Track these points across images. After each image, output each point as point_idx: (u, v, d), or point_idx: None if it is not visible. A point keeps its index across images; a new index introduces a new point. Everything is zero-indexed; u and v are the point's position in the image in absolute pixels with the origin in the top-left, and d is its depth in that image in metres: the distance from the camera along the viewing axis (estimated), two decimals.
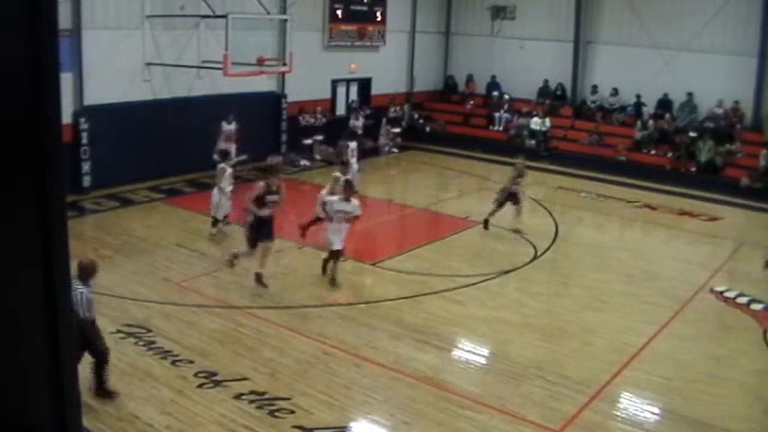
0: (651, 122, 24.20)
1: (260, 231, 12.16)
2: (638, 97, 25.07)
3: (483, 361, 10.52)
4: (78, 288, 8.01)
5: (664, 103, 24.81)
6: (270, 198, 12.17)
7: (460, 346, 10.86)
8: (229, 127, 18.88)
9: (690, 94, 24.29)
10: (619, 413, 9.03)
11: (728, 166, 22.37)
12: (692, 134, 23.29)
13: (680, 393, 9.54)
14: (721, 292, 13.45)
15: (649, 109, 24.97)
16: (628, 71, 25.15)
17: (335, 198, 12.83)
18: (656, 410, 9.21)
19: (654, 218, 18.80)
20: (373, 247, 15.64)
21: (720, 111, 23.81)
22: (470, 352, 10.67)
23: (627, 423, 8.77)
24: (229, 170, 15.30)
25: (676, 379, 9.93)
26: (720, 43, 23.66)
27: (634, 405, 9.26)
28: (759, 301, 13.06)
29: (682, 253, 16.47)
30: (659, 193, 20.89)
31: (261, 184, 12.33)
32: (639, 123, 24.28)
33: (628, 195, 20.75)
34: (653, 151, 23.68)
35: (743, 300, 13.16)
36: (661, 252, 16.25)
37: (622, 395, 9.44)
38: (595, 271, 14.43)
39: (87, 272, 8.27)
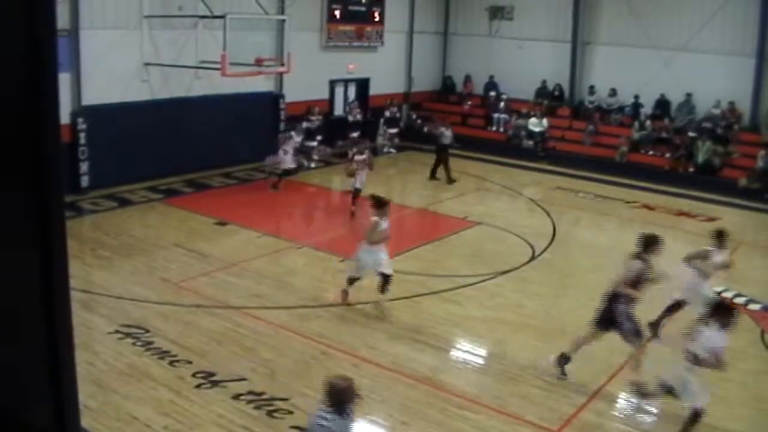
0: (649, 123, 24.22)
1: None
2: (636, 97, 25.11)
3: (481, 361, 10.53)
4: None
5: (662, 104, 24.84)
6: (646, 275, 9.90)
7: (458, 346, 10.86)
8: (297, 139, 19.18)
9: (688, 95, 24.32)
10: (617, 414, 9.05)
11: (726, 167, 22.39)
12: (691, 134, 23.32)
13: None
14: (719, 293, 13.46)
15: (646, 109, 24.99)
16: (626, 72, 25.20)
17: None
18: (654, 411, 9.22)
19: (652, 219, 18.79)
20: None
21: (718, 111, 23.84)
22: (468, 352, 10.68)
23: (624, 423, 8.80)
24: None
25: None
26: (718, 44, 23.69)
27: (632, 405, 9.27)
28: (757, 302, 13.11)
29: (680, 254, 16.43)
30: (657, 194, 20.92)
31: (637, 263, 9.79)
32: (637, 124, 24.31)
33: (627, 195, 20.78)
34: (651, 152, 23.70)
35: (741, 300, 13.21)
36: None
37: (620, 396, 9.45)
38: (594, 272, 14.39)
39: None
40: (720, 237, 11.50)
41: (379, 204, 11.45)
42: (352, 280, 11.75)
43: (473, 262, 14.11)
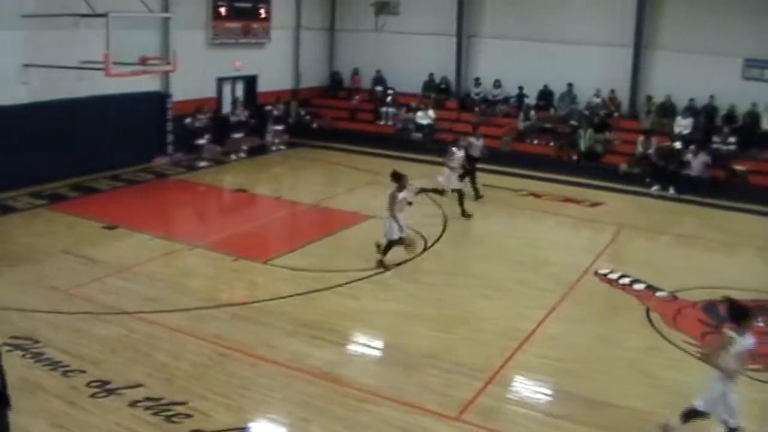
0: (533, 113, 24.87)
1: None
2: (521, 88, 25.77)
3: (379, 353, 10.66)
4: None
5: (546, 95, 25.57)
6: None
7: (355, 340, 10.95)
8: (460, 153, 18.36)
9: (570, 85, 25.10)
10: (513, 396, 9.32)
11: (608, 153, 23.21)
12: (573, 123, 24.07)
13: (571, 373, 9.92)
14: (605, 274, 14.01)
15: (531, 100, 25.67)
16: (510, 64, 25.86)
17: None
18: (549, 391, 9.55)
19: (539, 206, 19.36)
20: (265, 245, 15.58)
21: (598, 100, 24.71)
22: (366, 345, 10.79)
23: (521, 405, 9.06)
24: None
25: (566, 360, 10.32)
26: (597, 35, 24.53)
27: (527, 387, 9.56)
28: (641, 282, 13.67)
29: (567, 239, 17.06)
30: (544, 182, 21.51)
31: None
32: (522, 114, 24.93)
33: (514, 184, 21.31)
34: (536, 141, 24.34)
35: (626, 281, 13.76)
36: (547, 238, 16.75)
37: (515, 379, 9.74)
38: (485, 260, 14.79)
39: None
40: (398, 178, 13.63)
41: (398, 178, 13.67)
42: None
43: (367, 256, 14.21)
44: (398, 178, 13.69)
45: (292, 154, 24.79)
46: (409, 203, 13.35)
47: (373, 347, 10.78)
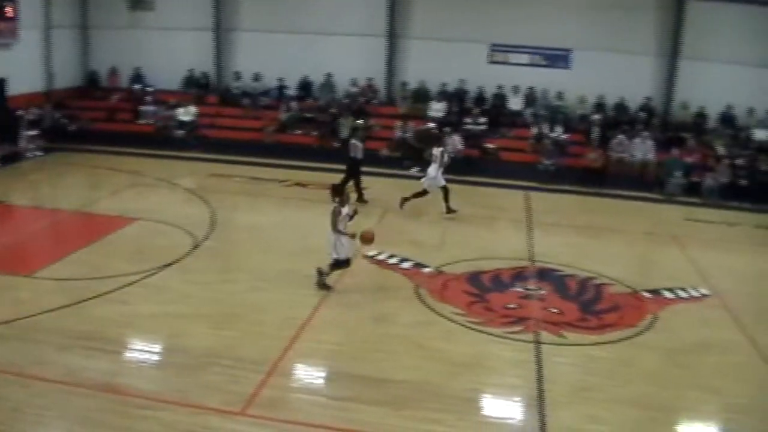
0: (294, 104, 25.14)
1: None
2: (281, 80, 25.94)
3: (158, 357, 10.43)
4: None
5: (305, 85, 25.94)
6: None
7: (132, 346, 10.64)
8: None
9: (328, 75, 25.62)
10: (296, 384, 9.48)
11: (368, 139, 23.88)
12: (333, 112, 24.58)
13: (350, 355, 10.24)
14: (373, 256, 14.49)
15: (291, 91, 25.93)
16: (270, 56, 26.01)
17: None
18: (330, 375, 9.80)
19: (306, 195, 19.64)
20: (27, 258, 14.66)
21: (356, 89, 25.41)
22: (143, 351, 10.51)
23: (305, 392, 9.24)
24: None
25: (344, 343, 10.63)
26: (353, 25, 25.28)
27: (309, 374, 9.76)
28: (408, 260, 14.29)
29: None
30: (309, 171, 21.81)
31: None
32: (284, 106, 25.13)
33: (280, 175, 21.47)
34: (299, 131, 24.62)
35: (394, 261, 14.32)
36: (316, 226, 16.88)
37: (296, 367, 9.89)
38: (258, 253, 14.83)
39: None
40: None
41: (339, 192, 12.89)
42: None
43: (136, 259, 13.80)
44: (339, 192, 12.95)
45: (50, 159, 23.45)
46: (351, 217, 12.64)
47: (151, 352, 10.53)
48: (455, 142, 22.46)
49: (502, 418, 9.09)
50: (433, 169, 18.09)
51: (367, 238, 12.73)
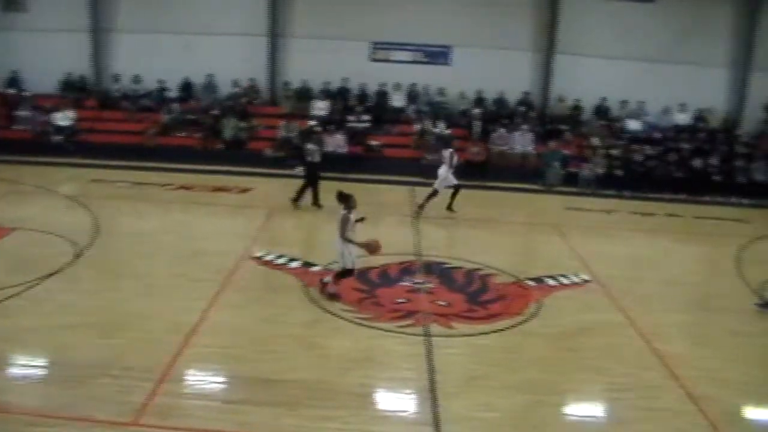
0: (176, 106, 24.74)
1: None
2: (161, 82, 25.49)
3: (43, 372, 10.09)
4: None
5: (187, 86, 25.55)
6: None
7: (15, 362, 10.25)
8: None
9: (210, 76, 25.31)
10: (188, 391, 9.33)
11: (252, 140, 23.78)
12: (215, 113, 24.32)
13: (241, 358, 10.16)
14: (261, 257, 14.46)
15: (173, 93, 25.50)
16: (149, 58, 25.48)
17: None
18: (222, 379, 9.69)
19: (191, 198, 19.40)
20: None
21: (238, 89, 25.20)
22: (28, 366, 10.14)
23: (197, 398, 9.11)
24: None
25: (235, 345, 10.53)
26: (234, 25, 25.09)
27: (201, 379, 9.64)
28: (296, 260, 14.31)
29: (221, 227, 17.31)
30: (193, 173, 21.55)
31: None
32: (165, 108, 24.69)
33: (163, 179, 21.11)
34: (183, 134, 24.25)
35: (282, 261, 14.32)
36: (202, 229, 16.88)
37: (188, 372, 9.74)
38: (143, 258, 14.54)
39: None
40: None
41: (345, 198, 12.34)
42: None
43: (15, 271, 13.29)
44: (346, 198, 12.42)
45: None
46: (358, 221, 12.43)
47: (36, 366, 10.17)
48: (337, 141, 22.59)
49: (395, 411, 9.23)
50: (443, 170, 18.50)
51: (375, 248, 12.61)
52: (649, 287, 14.52)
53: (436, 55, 25.70)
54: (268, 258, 14.43)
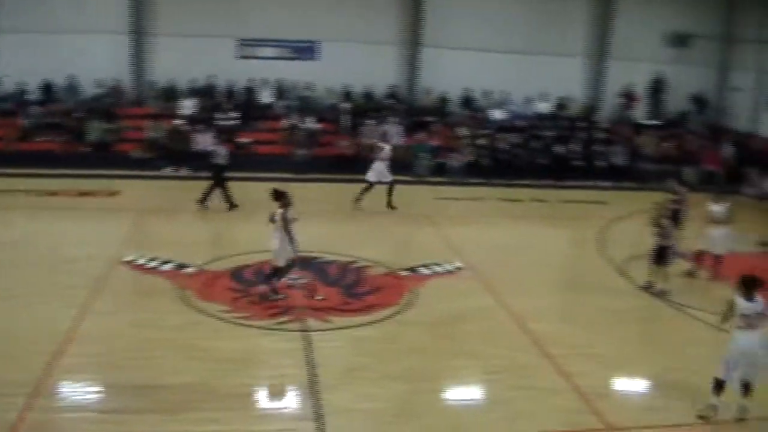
0: (36, 109, 23.79)
1: None
2: (20, 84, 24.37)
3: None
4: None
5: (47, 89, 24.60)
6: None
7: None
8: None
9: (72, 77, 24.43)
10: (64, 403, 9.09)
11: (118, 142, 23.17)
12: (78, 115, 23.55)
13: (118, 365, 9.98)
14: (132, 261, 14.17)
15: (33, 96, 24.46)
16: (6, 59, 24.22)
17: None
18: (100, 388, 9.45)
19: (57, 204, 18.75)
20: None
21: (102, 90, 24.48)
22: None
23: (74, 410, 8.87)
24: None
25: (109, 353, 10.31)
26: (96, 23, 24.24)
27: (77, 390, 9.39)
28: (169, 262, 14.10)
29: (90, 233, 16.79)
30: (57, 179, 20.75)
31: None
32: (25, 111, 23.67)
33: (27, 185, 20.13)
34: (44, 138, 23.32)
35: (155, 264, 14.08)
36: (70, 235, 16.34)
37: (62, 384, 9.48)
38: (9, 268, 13.96)
39: None
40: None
41: (281, 196, 12.35)
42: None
43: None
44: (281, 195, 12.44)
45: None
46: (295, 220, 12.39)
47: None
48: (206, 140, 22.36)
49: (278, 408, 9.32)
50: (377, 164, 18.91)
51: None
52: (519, 271, 15.08)
53: (304, 51, 25.71)
54: (140, 262, 14.16)
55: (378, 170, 19.09)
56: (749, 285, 9.25)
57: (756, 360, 9.17)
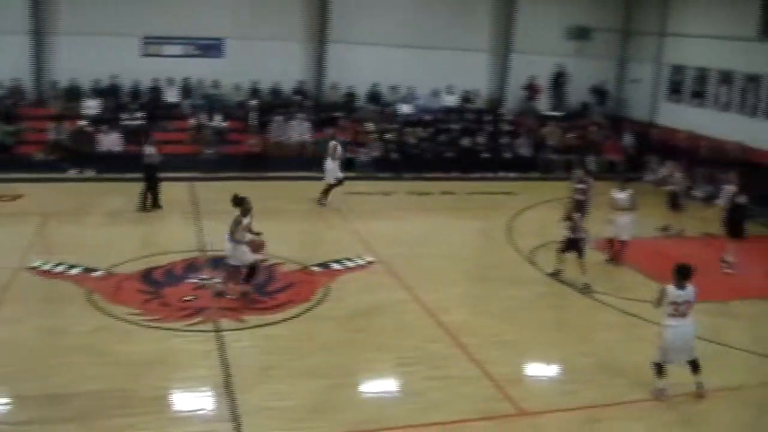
0: None
1: None
2: None
3: None
4: None
5: None
6: None
7: None
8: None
9: None
10: None
11: (20, 144, 22.49)
12: None
13: (25, 375, 9.72)
14: (38, 267, 13.82)
15: None
16: None
17: None
18: (6, 400, 9.19)
19: None
20: None
21: (1, 91, 23.73)
22: None
23: None
24: None
25: (15, 364, 10.04)
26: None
27: None
28: (76, 266, 13.80)
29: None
30: None
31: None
32: None
33: None
34: None
35: (61, 268, 13.76)
36: None
37: None
38: None
39: None
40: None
41: (240, 202, 12.49)
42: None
43: None
44: (240, 202, 12.55)
45: None
46: (251, 230, 12.52)
47: None
48: (112, 140, 21.96)
49: (193, 410, 9.24)
50: (329, 163, 19.65)
51: (259, 246, 12.91)
52: (430, 263, 15.32)
53: (209, 48, 25.39)
54: (46, 267, 13.81)
55: (330, 169, 19.68)
56: (682, 274, 9.68)
57: (692, 342, 9.81)
